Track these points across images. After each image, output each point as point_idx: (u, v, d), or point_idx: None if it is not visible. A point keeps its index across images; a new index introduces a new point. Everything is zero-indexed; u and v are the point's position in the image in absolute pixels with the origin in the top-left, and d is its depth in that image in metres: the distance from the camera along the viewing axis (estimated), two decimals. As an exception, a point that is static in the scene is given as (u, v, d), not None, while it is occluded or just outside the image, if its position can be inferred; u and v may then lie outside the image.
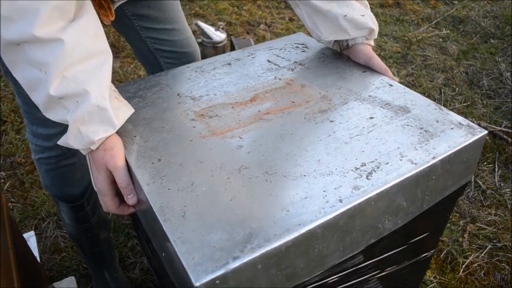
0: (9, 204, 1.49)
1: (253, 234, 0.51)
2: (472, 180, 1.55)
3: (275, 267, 0.52)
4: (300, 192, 0.56)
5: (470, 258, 1.30)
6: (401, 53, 2.34)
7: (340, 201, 0.55)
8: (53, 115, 0.61)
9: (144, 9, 0.91)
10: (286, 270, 0.54)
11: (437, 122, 0.69)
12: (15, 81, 0.77)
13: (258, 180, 0.58)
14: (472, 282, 1.24)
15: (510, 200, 1.47)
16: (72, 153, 0.94)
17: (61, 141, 0.63)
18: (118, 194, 0.66)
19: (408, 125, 0.68)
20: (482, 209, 1.45)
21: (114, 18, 0.74)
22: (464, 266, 1.27)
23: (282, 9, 2.87)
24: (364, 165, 0.61)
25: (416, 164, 0.61)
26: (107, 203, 0.65)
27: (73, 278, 1.24)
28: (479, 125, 1.80)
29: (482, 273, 1.26)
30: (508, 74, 2.12)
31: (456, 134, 0.67)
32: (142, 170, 0.60)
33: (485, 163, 1.63)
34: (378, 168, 0.60)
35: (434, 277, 1.25)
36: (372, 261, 0.71)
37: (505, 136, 1.73)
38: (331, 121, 0.69)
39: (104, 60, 0.60)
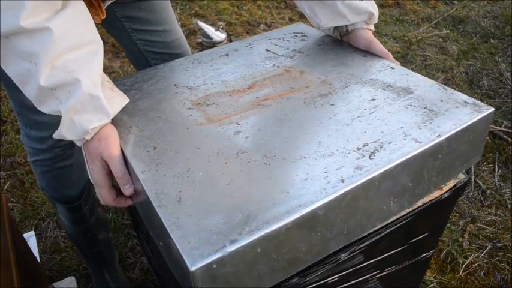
0: (9, 204, 1.48)
1: (252, 217, 0.49)
2: (472, 180, 1.54)
3: (276, 251, 0.50)
4: (300, 174, 0.55)
5: (470, 258, 1.28)
6: (401, 53, 2.33)
7: (342, 181, 0.53)
8: (46, 107, 0.60)
9: (134, 11, 0.90)
10: (287, 255, 0.52)
11: (442, 101, 0.67)
12: (7, 83, 0.77)
13: (256, 164, 0.57)
14: (472, 282, 1.22)
15: (510, 200, 1.46)
16: (68, 155, 0.92)
17: (55, 134, 0.61)
18: (115, 186, 0.65)
19: (411, 105, 0.66)
20: (482, 209, 1.44)
21: (104, 16, 0.72)
22: (464, 266, 1.25)
23: (282, 9, 2.87)
24: (367, 145, 0.59)
25: (421, 142, 0.59)
26: (104, 194, 0.64)
27: (73, 278, 1.23)
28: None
29: (482, 273, 1.24)
30: (508, 74, 2.12)
31: (461, 112, 0.64)
32: (138, 159, 0.59)
33: (485, 163, 1.62)
34: (381, 147, 0.58)
35: (434, 277, 1.24)
36: (372, 261, 0.69)
37: (505, 136, 1.72)
38: (332, 104, 0.67)
39: (95, 49, 0.59)
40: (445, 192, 0.71)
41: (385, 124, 0.62)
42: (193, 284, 0.46)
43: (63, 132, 0.59)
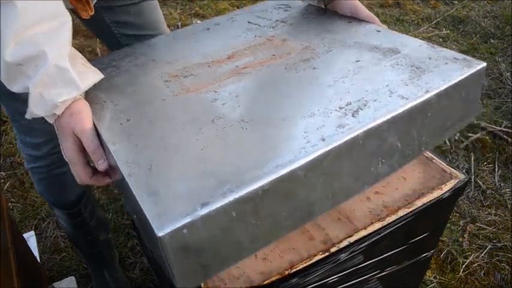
0: (9, 204, 1.46)
1: (225, 180, 0.45)
2: (472, 180, 1.53)
3: (253, 215, 0.46)
4: (279, 136, 0.51)
5: (470, 258, 1.26)
6: (401, 53, 2.33)
7: (323, 140, 0.49)
8: (17, 86, 0.56)
9: (123, 16, 0.87)
10: (267, 220, 0.48)
11: (430, 58, 0.63)
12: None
13: (232, 129, 0.53)
14: (472, 282, 1.18)
15: (510, 200, 1.43)
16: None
17: (27, 114, 0.58)
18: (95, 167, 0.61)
19: (398, 64, 0.62)
20: (482, 209, 1.43)
21: (93, 12, 0.69)
22: (464, 266, 1.21)
23: (282, 9, 2.87)
24: (350, 104, 0.55)
25: (407, 98, 0.55)
26: (79, 172, 0.61)
27: (73, 278, 1.22)
28: (478, 125, 1.80)
29: (482, 273, 1.20)
30: (508, 74, 2.11)
31: (451, 68, 0.60)
32: (110, 131, 0.56)
33: (485, 163, 1.59)
34: (365, 106, 0.54)
35: (434, 277, 1.22)
36: (372, 261, 0.67)
37: (505, 136, 1.70)
38: (314, 68, 0.64)
39: (62, 22, 0.55)
40: (445, 192, 0.71)
41: (370, 83, 0.59)
42: (163, 253, 0.42)
43: (33, 108, 0.56)
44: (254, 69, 0.66)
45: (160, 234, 0.41)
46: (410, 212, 0.67)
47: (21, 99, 0.60)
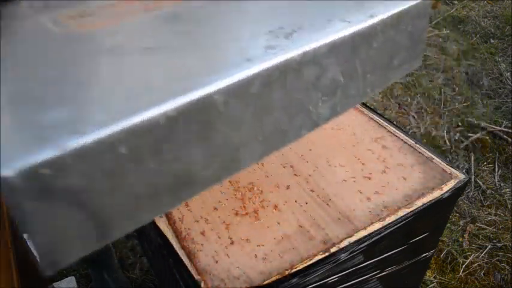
0: (9, 204, 1.49)
1: (113, 107, 0.31)
2: (472, 180, 1.53)
3: (153, 156, 0.31)
4: (191, 60, 0.39)
5: (470, 258, 1.24)
6: (401, 53, 2.32)
7: (249, 60, 0.37)
8: None
9: None
10: (174, 166, 0.33)
11: None
12: None
13: (134, 56, 0.40)
14: (472, 282, 1.16)
15: (510, 200, 1.40)
16: None
17: None
18: None
19: None
20: (482, 209, 1.41)
21: None
22: (464, 266, 1.19)
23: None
24: (282, 28, 0.43)
25: (350, 22, 0.45)
26: None
27: (73, 278, 1.20)
28: (478, 125, 1.80)
29: (482, 273, 1.18)
30: (508, 74, 2.10)
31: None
32: None
33: (485, 163, 1.57)
34: (300, 29, 0.43)
35: (434, 277, 1.21)
36: (372, 261, 0.65)
37: (505, 136, 1.68)
38: (238, 0, 0.53)
39: None
40: (445, 192, 0.71)
41: (306, 9, 0.49)
42: (13, 204, 0.26)
43: None
44: (167, 5, 0.53)
45: (5, 172, 0.25)
46: (411, 212, 0.67)
47: None
